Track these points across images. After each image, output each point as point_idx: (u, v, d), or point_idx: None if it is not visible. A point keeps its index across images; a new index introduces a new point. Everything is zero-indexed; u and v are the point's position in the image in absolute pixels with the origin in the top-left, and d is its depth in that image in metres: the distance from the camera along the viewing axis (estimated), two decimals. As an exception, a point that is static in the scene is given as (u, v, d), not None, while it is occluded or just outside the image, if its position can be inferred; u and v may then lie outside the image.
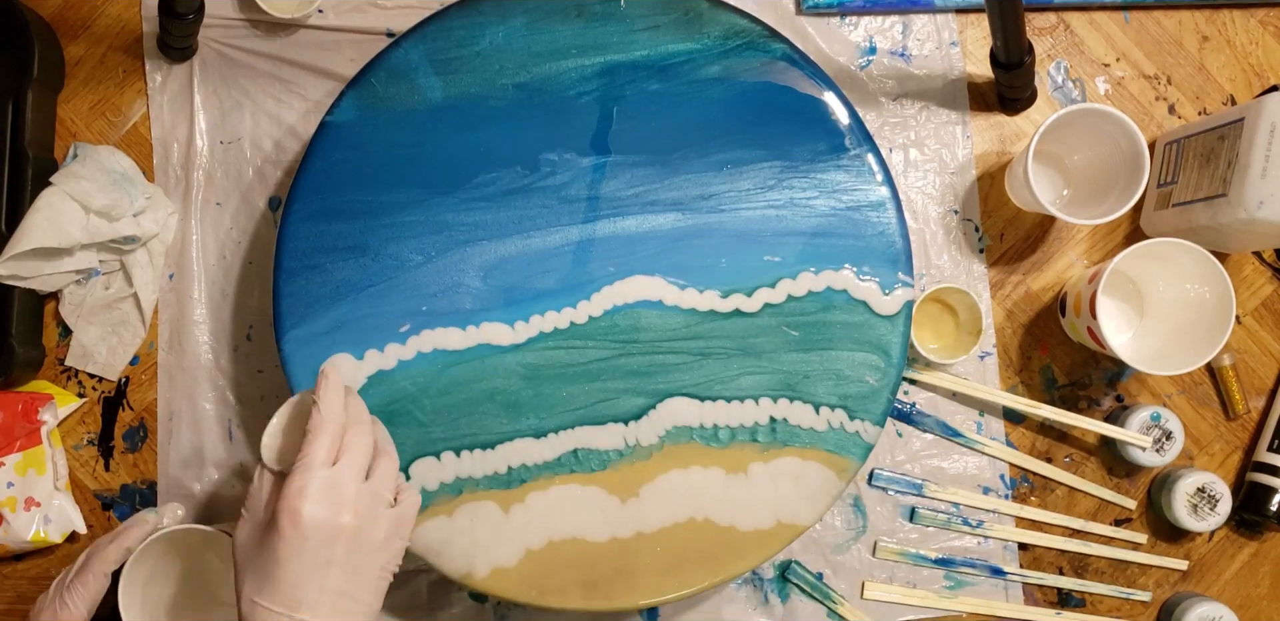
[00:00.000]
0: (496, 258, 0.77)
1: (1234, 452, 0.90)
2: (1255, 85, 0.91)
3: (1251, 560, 0.89)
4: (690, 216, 0.78)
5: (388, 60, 0.78)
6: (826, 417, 0.77)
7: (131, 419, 0.85)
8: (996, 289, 0.89)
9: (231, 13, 0.87)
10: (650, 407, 0.77)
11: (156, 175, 0.86)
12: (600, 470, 0.76)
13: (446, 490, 0.76)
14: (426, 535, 0.75)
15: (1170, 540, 0.89)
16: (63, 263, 0.81)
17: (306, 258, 0.77)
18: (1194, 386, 0.90)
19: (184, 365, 0.85)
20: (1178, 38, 0.91)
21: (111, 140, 0.87)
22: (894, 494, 0.86)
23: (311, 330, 0.76)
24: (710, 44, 0.79)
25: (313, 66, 0.87)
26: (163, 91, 0.87)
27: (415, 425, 0.76)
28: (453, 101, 0.78)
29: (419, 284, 0.77)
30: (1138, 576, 0.88)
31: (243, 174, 0.86)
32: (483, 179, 0.78)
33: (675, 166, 0.78)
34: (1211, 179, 0.81)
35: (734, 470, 0.77)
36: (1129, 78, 0.91)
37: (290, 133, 0.86)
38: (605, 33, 0.79)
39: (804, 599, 0.85)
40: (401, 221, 0.77)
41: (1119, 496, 0.88)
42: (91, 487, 0.84)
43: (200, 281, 0.85)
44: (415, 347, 0.76)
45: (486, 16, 0.78)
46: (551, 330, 0.77)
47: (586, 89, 0.78)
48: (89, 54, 0.87)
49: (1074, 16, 0.91)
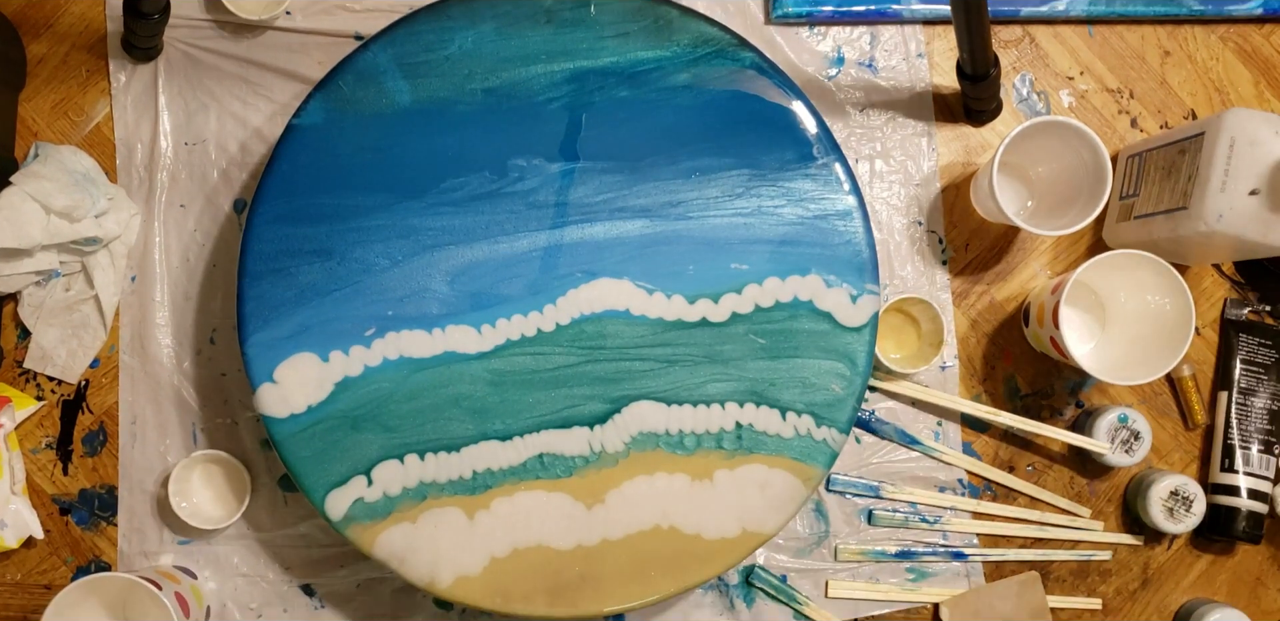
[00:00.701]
0: (464, 263, 0.77)
1: (1193, 462, 0.91)
2: (1215, 100, 0.93)
3: (1209, 568, 0.91)
4: (658, 223, 0.78)
5: (356, 63, 0.77)
6: (793, 423, 0.77)
7: (91, 422, 0.84)
8: (961, 299, 0.89)
9: (198, 13, 0.86)
10: (615, 412, 0.77)
11: (119, 176, 0.85)
12: (566, 477, 0.76)
13: (410, 495, 0.75)
14: (390, 542, 0.75)
15: (1136, 541, 0.90)
16: (22, 263, 0.80)
17: (271, 261, 0.76)
18: (1154, 396, 0.91)
19: (146, 368, 0.84)
20: (1140, 52, 0.93)
21: (74, 140, 0.86)
22: (852, 497, 0.87)
23: (276, 334, 0.75)
24: (679, 52, 0.79)
25: (280, 69, 0.86)
26: (126, 92, 0.86)
27: (381, 430, 0.75)
28: (421, 105, 0.78)
29: (385, 288, 0.76)
30: (1097, 572, 0.89)
31: (207, 176, 0.86)
32: (450, 184, 0.78)
33: (644, 173, 0.78)
34: (1172, 192, 0.82)
35: (700, 477, 0.77)
36: (1092, 91, 0.92)
37: (256, 135, 0.86)
38: (575, 39, 0.79)
39: (769, 602, 0.85)
40: (368, 225, 0.77)
41: (1075, 505, 0.89)
42: (49, 492, 0.83)
43: (163, 284, 0.84)
44: (381, 353, 0.76)
45: (456, 21, 0.78)
46: (519, 337, 0.77)
47: (555, 95, 0.78)
48: (51, 52, 0.86)
49: (1039, 30, 0.92)
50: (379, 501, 0.75)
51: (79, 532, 0.83)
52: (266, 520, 0.83)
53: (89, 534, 0.83)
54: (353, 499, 0.75)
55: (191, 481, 0.82)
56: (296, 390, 0.75)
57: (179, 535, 0.83)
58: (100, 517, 0.83)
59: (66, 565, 0.83)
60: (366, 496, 0.75)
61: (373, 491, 0.75)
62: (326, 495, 0.75)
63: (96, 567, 0.83)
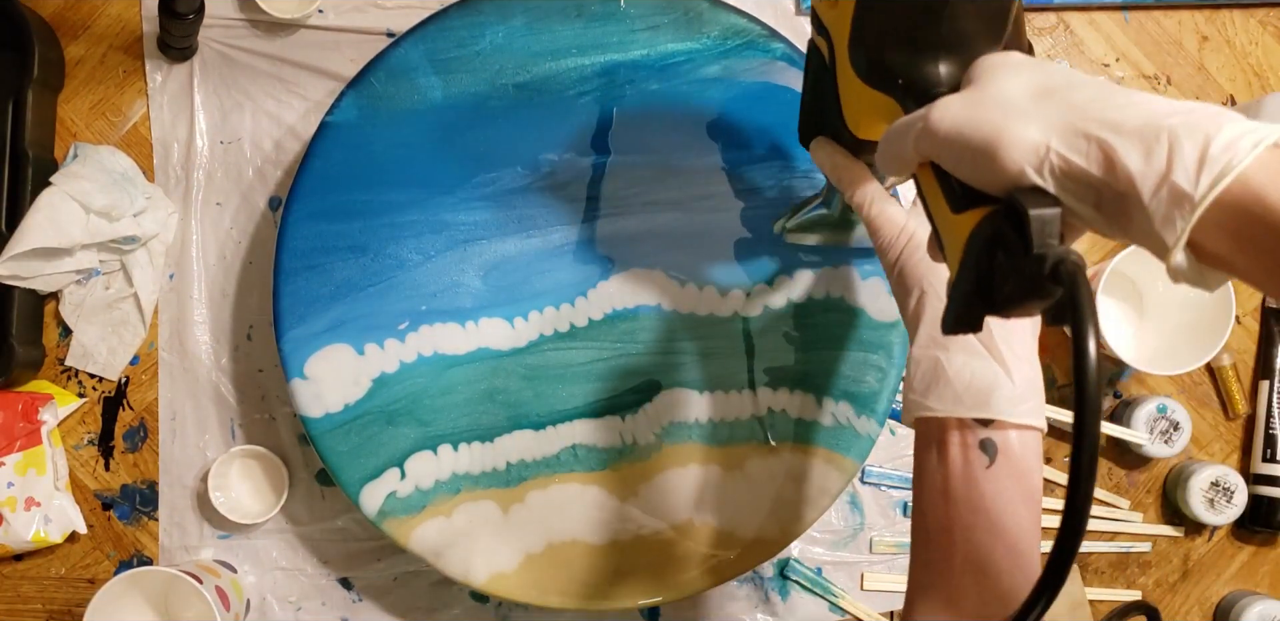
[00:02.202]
0: (496, 257, 0.77)
1: (1234, 452, 0.90)
2: (1255, 85, 0.91)
3: (1251, 560, 0.90)
4: (690, 216, 0.78)
5: (388, 60, 0.78)
6: (830, 411, 0.77)
7: (131, 419, 0.85)
8: (996, 289, 0.88)
9: (232, 13, 0.87)
10: (647, 401, 0.77)
11: (157, 175, 0.86)
12: (600, 469, 0.76)
13: (444, 488, 0.75)
14: (426, 536, 0.75)
15: (1176, 532, 0.89)
16: (63, 263, 0.81)
17: (306, 257, 0.76)
18: (1194, 386, 0.90)
19: (185, 365, 0.85)
20: (1177, 38, 0.91)
21: (111, 140, 0.87)
22: (887, 489, 0.87)
23: (311, 329, 0.76)
24: (710, 44, 0.79)
25: (313, 66, 0.87)
26: (163, 91, 0.87)
27: (415, 424, 0.76)
28: (453, 101, 0.78)
29: (419, 283, 0.77)
30: (1136, 563, 0.89)
31: (243, 174, 0.86)
32: (482, 178, 0.78)
33: (675, 166, 0.78)
34: (1211, 179, 0.81)
35: (733, 469, 0.77)
36: (1129, 78, 0.91)
37: (290, 132, 0.86)
38: (605, 32, 0.79)
39: (804, 595, 0.85)
40: (401, 221, 0.77)
41: (1114, 496, 0.88)
42: (92, 487, 0.84)
43: (200, 281, 0.85)
44: (416, 349, 0.76)
45: (487, 16, 0.78)
46: (552, 332, 0.77)
47: (586, 89, 0.78)
48: (89, 54, 0.87)
49: (1074, 16, 0.91)
50: (412, 495, 0.75)
51: (121, 527, 0.84)
52: (304, 514, 0.84)
53: (131, 528, 0.84)
54: (387, 492, 0.75)
55: (230, 476, 0.83)
56: (333, 386, 0.75)
57: (218, 529, 0.84)
58: (141, 512, 0.84)
59: (109, 559, 0.84)
60: (400, 490, 0.75)
61: (406, 484, 0.75)
62: (361, 489, 0.75)
63: (139, 562, 0.84)
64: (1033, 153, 0.40)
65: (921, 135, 0.44)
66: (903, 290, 0.58)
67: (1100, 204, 0.40)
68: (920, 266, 0.57)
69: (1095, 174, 0.39)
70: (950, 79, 0.50)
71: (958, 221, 0.44)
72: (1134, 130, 0.39)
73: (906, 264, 0.58)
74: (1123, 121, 0.39)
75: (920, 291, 0.57)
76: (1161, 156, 0.38)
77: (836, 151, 0.61)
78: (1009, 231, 0.41)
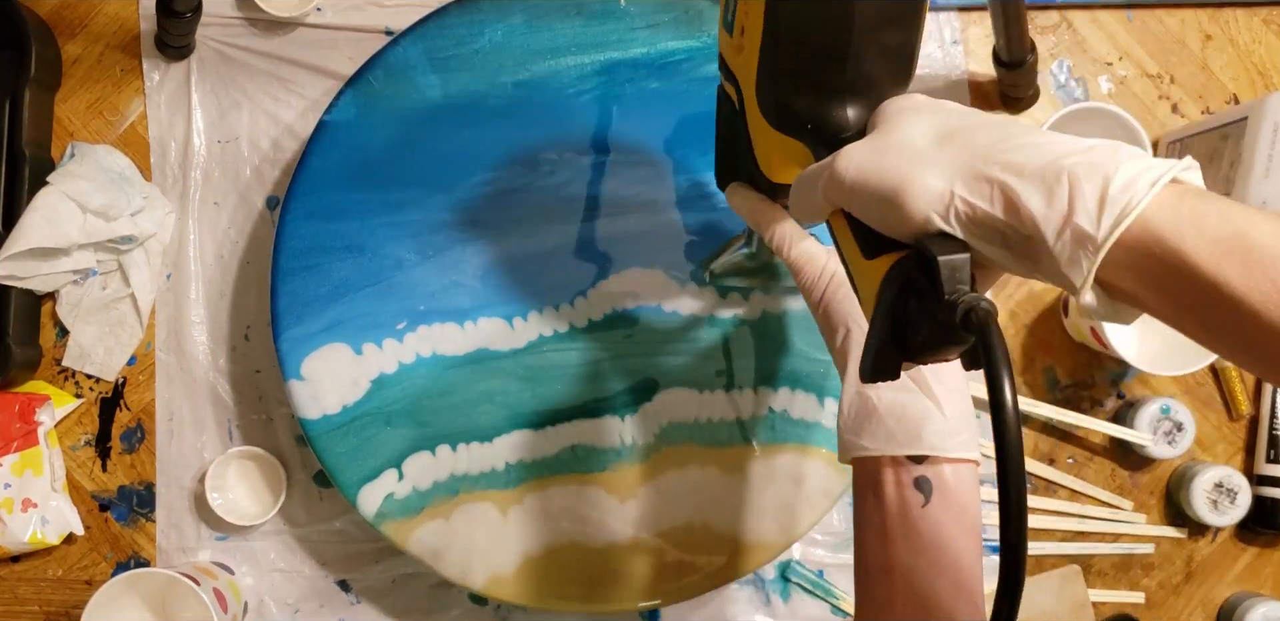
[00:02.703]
0: (495, 257, 0.77)
1: (1237, 453, 0.89)
2: (1258, 84, 0.91)
3: (1255, 561, 0.89)
4: (690, 215, 0.78)
5: (386, 58, 0.77)
6: (831, 410, 0.76)
7: (129, 419, 0.84)
8: (999, 289, 0.88)
9: (229, 11, 0.86)
10: (646, 400, 0.76)
11: (154, 174, 0.86)
12: (598, 470, 0.76)
13: (442, 490, 0.75)
14: (424, 539, 0.75)
15: (1179, 534, 0.89)
16: (60, 262, 0.80)
17: (304, 257, 0.76)
18: (1197, 387, 0.89)
19: (182, 365, 0.84)
20: (1180, 36, 0.91)
21: (109, 139, 0.86)
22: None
23: (309, 330, 0.75)
24: (710, 42, 0.78)
25: (311, 65, 0.86)
26: (160, 90, 0.86)
27: (413, 425, 0.75)
28: (451, 100, 0.78)
29: (417, 283, 0.76)
30: (1139, 565, 0.88)
31: (240, 173, 0.86)
32: (481, 178, 0.77)
33: (675, 165, 0.78)
34: (1215, 178, 0.80)
35: (733, 471, 0.76)
36: (1132, 76, 0.90)
37: (288, 131, 0.86)
38: (605, 31, 0.78)
39: (806, 597, 0.85)
40: (400, 220, 0.77)
41: (1116, 497, 0.88)
42: (89, 488, 0.84)
43: (198, 281, 0.85)
44: (415, 350, 0.76)
45: (486, 14, 0.78)
46: (551, 333, 0.77)
47: (586, 87, 0.78)
48: (86, 53, 0.87)
49: (1077, 15, 0.91)
50: (411, 496, 0.75)
51: (118, 529, 0.84)
52: (302, 516, 0.83)
53: (128, 530, 0.84)
54: (385, 493, 0.75)
55: (227, 477, 0.82)
56: (330, 387, 0.75)
57: (216, 531, 0.83)
58: (139, 514, 0.84)
59: (106, 561, 0.84)
60: (398, 492, 0.75)
61: (404, 486, 0.75)
62: (360, 490, 0.75)
63: (136, 563, 0.83)
64: (937, 199, 0.40)
65: (828, 184, 0.44)
66: (829, 328, 0.57)
67: (1008, 246, 0.40)
68: (845, 304, 0.57)
69: (1000, 217, 0.39)
70: (858, 122, 0.49)
71: (870, 267, 0.44)
72: (1035, 172, 0.38)
73: (830, 302, 0.57)
74: (1024, 164, 0.39)
75: (846, 329, 0.56)
76: (1063, 198, 0.38)
77: (752, 195, 0.60)
78: (920, 277, 0.41)
